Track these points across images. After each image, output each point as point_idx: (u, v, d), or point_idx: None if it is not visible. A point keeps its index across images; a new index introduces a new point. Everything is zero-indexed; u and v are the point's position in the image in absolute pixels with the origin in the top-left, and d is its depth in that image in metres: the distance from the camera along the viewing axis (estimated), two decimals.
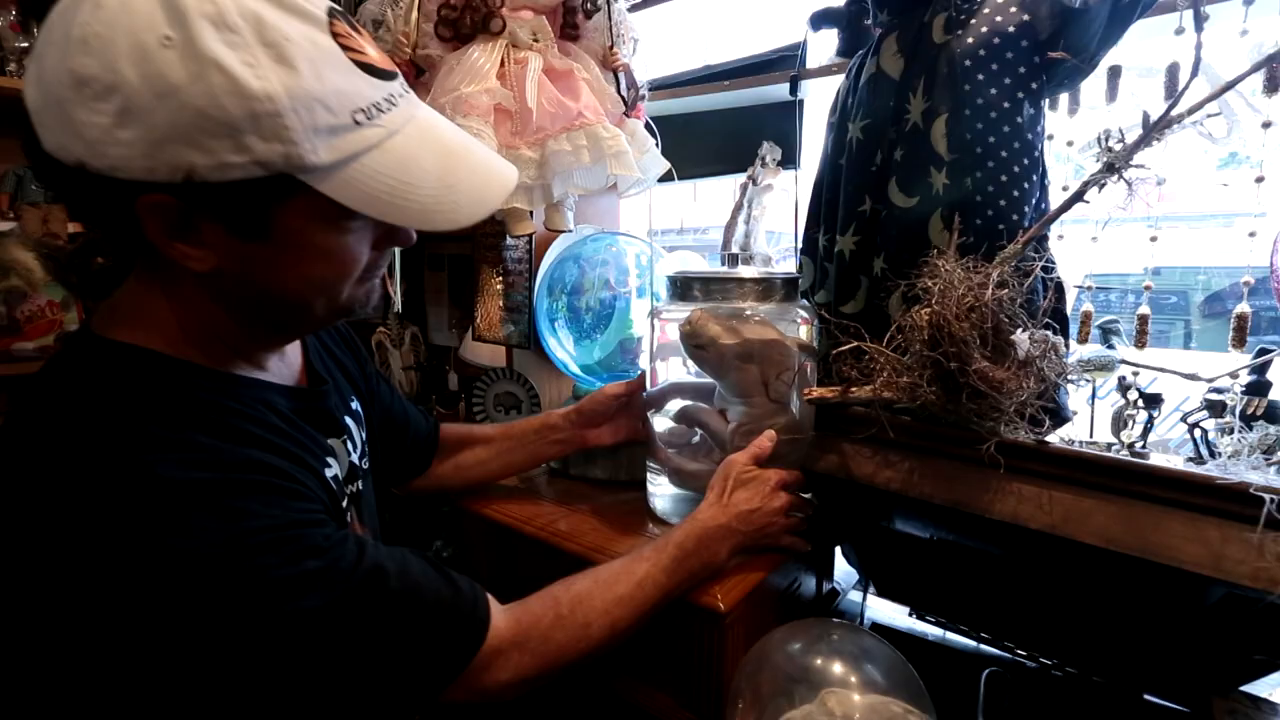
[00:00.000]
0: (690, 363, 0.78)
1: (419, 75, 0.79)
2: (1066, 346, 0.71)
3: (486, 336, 1.14)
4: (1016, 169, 0.70)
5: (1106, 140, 0.56)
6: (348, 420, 0.64)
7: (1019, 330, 0.62)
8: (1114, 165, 0.55)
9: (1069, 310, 0.77)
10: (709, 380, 0.78)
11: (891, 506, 0.76)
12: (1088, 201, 0.61)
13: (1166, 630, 0.65)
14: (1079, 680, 0.77)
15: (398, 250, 1.05)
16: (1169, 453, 0.89)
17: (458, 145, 0.53)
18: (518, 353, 1.13)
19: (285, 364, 0.59)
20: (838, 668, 0.57)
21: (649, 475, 0.84)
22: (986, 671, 0.77)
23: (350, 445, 0.63)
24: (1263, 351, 0.82)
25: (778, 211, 1.25)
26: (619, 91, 0.82)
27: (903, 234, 0.76)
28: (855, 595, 1.00)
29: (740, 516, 0.68)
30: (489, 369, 1.15)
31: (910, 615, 0.94)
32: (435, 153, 0.50)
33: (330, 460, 0.57)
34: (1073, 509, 0.56)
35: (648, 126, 0.88)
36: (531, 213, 0.86)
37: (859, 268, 0.82)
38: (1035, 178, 0.72)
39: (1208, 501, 0.51)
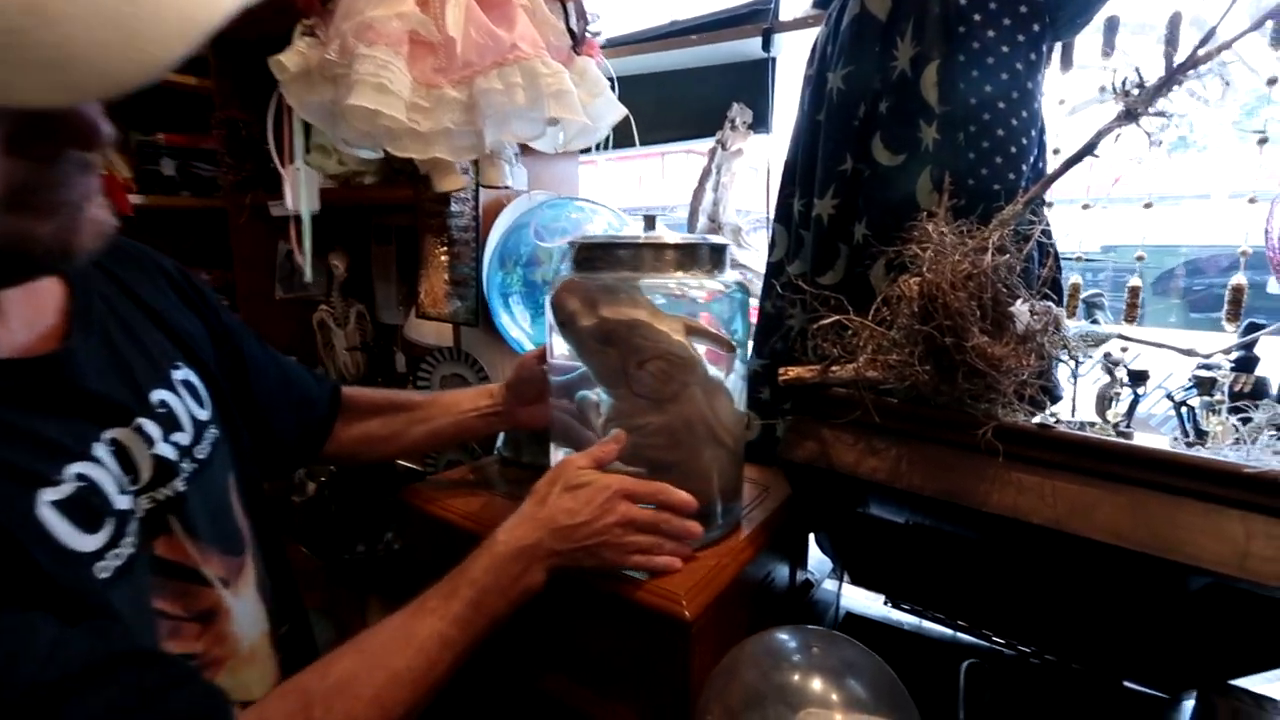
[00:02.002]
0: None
1: (326, 1, 0.67)
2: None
3: (431, 313, 1.03)
4: (1014, 122, 0.63)
5: (1124, 85, 0.49)
6: (160, 395, 0.47)
7: (1018, 301, 0.56)
8: (1134, 111, 0.48)
9: None
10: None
11: (867, 491, 0.70)
12: (1098, 155, 0.54)
13: (1145, 617, 0.61)
14: (1058, 668, 0.74)
15: (306, 213, 0.82)
16: (1151, 432, 0.85)
17: None
18: (466, 331, 1.03)
19: (5, 329, 0.41)
20: (817, 684, 0.50)
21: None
22: (966, 663, 0.74)
23: (155, 433, 0.46)
24: (1254, 327, 0.78)
25: (749, 181, 1.17)
26: (567, 24, 0.70)
27: (887, 196, 0.68)
28: (829, 585, 0.96)
29: (558, 532, 0.55)
30: (435, 349, 1.05)
31: (885, 604, 0.90)
32: None
33: (77, 467, 0.40)
34: (1078, 501, 0.50)
35: (609, 79, 0.77)
36: (467, 169, 0.75)
37: (838, 234, 0.75)
38: (1034, 133, 0.65)
39: (1230, 492, 0.46)
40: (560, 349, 0.66)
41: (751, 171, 1.16)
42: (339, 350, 1.53)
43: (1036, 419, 0.58)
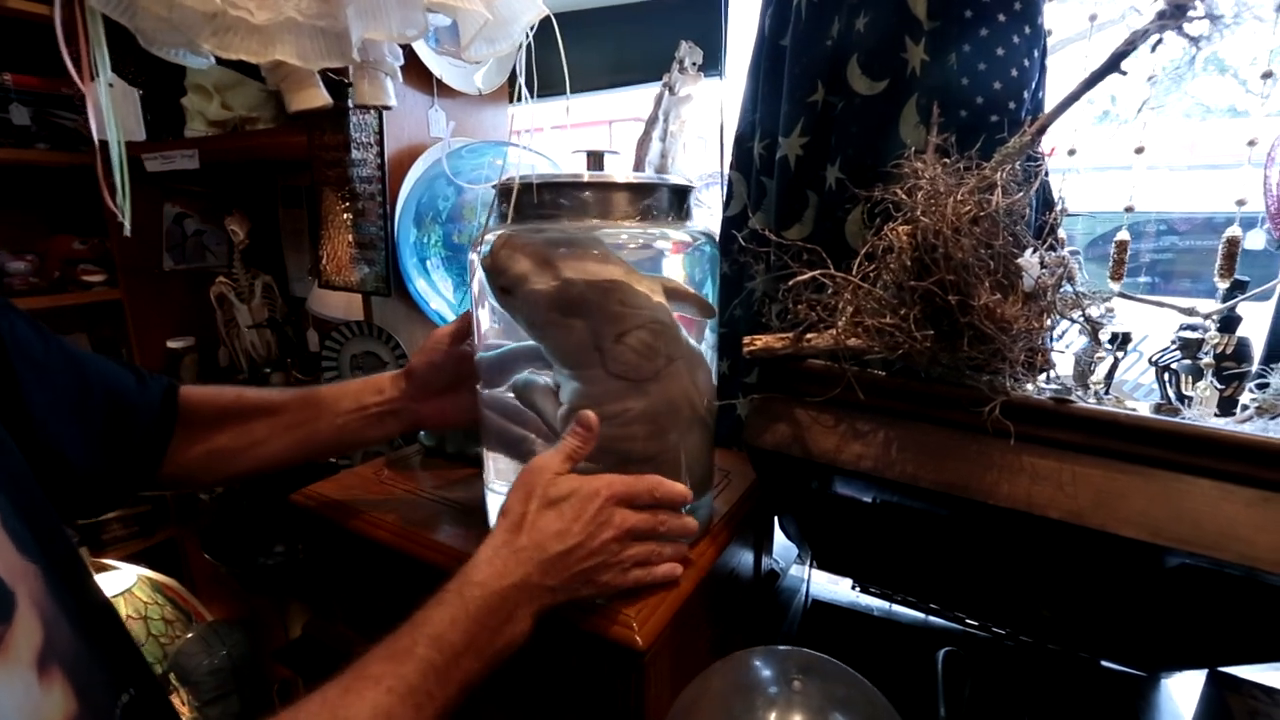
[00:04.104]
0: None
1: None
2: None
3: (335, 281, 0.88)
4: (1016, 39, 0.53)
5: None
6: None
7: (1027, 251, 0.46)
8: (1182, 5, 0.38)
9: None
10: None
11: (835, 472, 0.61)
12: (1124, 72, 0.45)
13: (1121, 597, 0.55)
14: (1034, 650, 0.70)
15: (116, 142, 0.55)
16: (1126, 399, 0.81)
17: None
18: (378, 302, 0.88)
19: None
20: None
21: (485, 475, 0.60)
22: (943, 652, 0.69)
23: None
24: (1237, 284, 0.73)
25: (698, 149, 1.06)
26: None
27: (866, 131, 0.58)
28: (795, 570, 0.89)
29: (549, 562, 0.43)
30: (344, 323, 0.90)
31: (854, 589, 0.84)
32: None
33: None
34: (1104, 490, 0.42)
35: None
36: (350, 82, 0.58)
37: (806, 179, 0.64)
38: (1036, 54, 0.55)
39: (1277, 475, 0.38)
40: (488, 322, 0.53)
41: (700, 141, 1.05)
42: (243, 328, 1.35)
43: (1047, 392, 0.49)
